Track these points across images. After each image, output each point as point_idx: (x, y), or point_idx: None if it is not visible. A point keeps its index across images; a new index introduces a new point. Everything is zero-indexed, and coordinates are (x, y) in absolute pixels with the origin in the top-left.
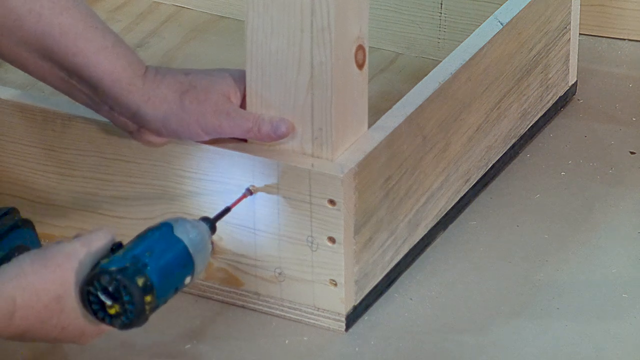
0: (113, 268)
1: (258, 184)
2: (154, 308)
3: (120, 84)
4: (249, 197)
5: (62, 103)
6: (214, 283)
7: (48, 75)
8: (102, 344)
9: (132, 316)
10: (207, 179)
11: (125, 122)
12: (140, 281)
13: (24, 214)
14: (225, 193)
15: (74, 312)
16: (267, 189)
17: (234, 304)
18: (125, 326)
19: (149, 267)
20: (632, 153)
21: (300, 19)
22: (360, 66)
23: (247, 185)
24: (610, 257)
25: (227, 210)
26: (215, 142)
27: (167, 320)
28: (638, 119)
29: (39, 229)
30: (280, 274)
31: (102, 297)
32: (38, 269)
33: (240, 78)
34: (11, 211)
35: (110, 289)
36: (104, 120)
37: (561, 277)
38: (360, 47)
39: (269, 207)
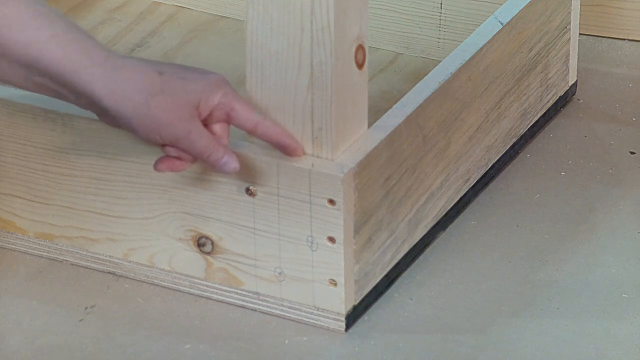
0: None
1: (258, 184)
2: None
3: (78, 74)
4: (248, 197)
5: (62, 103)
6: (213, 283)
7: (9, 75)
8: (103, 344)
9: None
10: (207, 179)
11: (92, 110)
12: None
13: (24, 214)
14: (225, 193)
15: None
16: (267, 189)
17: (234, 304)
18: None
19: None
20: (632, 153)
21: (300, 19)
22: (360, 66)
23: (247, 185)
24: (610, 257)
25: None
26: None
27: (167, 320)
28: (638, 119)
29: (39, 229)
30: (280, 274)
31: None
32: None
33: (216, 84)
34: None
35: None
36: None
37: (561, 277)
38: (360, 47)
39: (269, 207)
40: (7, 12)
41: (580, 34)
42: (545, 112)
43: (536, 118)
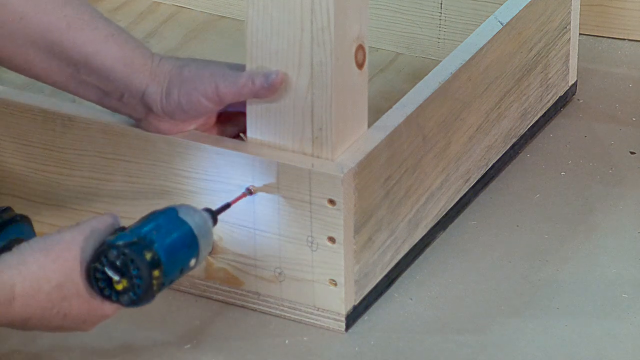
0: (120, 243)
1: (258, 184)
2: (161, 285)
3: (132, 67)
4: (248, 197)
5: (62, 103)
6: (214, 283)
7: (56, 74)
8: (102, 344)
9: (139, 291)
10: (207, 179)
11: (133, 108)
12: (148, 255)
13: (24, 213)
14: (225, 193)
15: (75, 299)
16: (267, 189)
17: (234, 304)
18: (132, 302)
19: (156, 244)
20: (632, 153)
21: (300, 19)
22: (360, 66)
23: (247, 185)
24: (610, 257)
25: (227, 206)
26: (215, 141)
27: (167, 320)
28: (638, 119)
29: (39, 229)
30: (280, 274)
31: (110, 273)
32: (39, 257)
33: (234, 69)
34: (7, 209)
35: (117, 263)
36: (104, 120)
37: (561, 277)
38: (360, 47)
39: (269, 207)
40: (68, 12)
41: (580, 34)
42: (545, 112)
43: (536, 118)
